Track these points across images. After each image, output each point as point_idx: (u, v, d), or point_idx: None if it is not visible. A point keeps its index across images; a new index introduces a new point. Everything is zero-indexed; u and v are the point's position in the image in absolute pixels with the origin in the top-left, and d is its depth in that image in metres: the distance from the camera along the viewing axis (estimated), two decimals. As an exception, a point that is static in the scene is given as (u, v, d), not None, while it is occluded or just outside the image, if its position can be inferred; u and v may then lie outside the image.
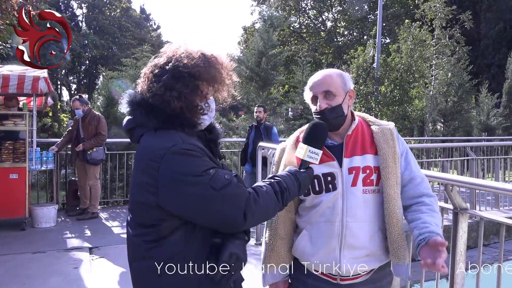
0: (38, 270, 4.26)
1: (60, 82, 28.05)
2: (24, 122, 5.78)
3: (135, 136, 1.50)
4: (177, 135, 1.40)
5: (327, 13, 29.14)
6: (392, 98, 12.47)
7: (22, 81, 5.50)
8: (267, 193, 1.44)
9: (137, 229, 1.45)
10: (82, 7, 30.59)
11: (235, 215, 1.35)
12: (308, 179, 1.60)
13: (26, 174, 5.69)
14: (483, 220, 2.63)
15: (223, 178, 1.36)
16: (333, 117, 1.72)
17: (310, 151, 1.61)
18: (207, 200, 1.33)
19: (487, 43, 21.74)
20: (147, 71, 1.52)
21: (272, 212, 1.48)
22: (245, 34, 29.48)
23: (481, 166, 7.76)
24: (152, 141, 1.41)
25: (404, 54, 12.49)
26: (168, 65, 1.45)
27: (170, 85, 1.42)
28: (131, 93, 1.50)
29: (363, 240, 1.69)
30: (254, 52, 11.34)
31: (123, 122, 1.54)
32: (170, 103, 1.41)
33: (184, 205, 1.35)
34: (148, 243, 1.41)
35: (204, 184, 1.33)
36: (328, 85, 1.73)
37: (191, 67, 1.44)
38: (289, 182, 1.51)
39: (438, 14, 12.53)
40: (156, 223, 1.39)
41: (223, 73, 1.51)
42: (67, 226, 6.04)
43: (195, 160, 1.36)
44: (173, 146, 1.35)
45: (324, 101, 1.72)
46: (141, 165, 1.41)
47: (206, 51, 1.50)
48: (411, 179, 1.73)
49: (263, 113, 6.80)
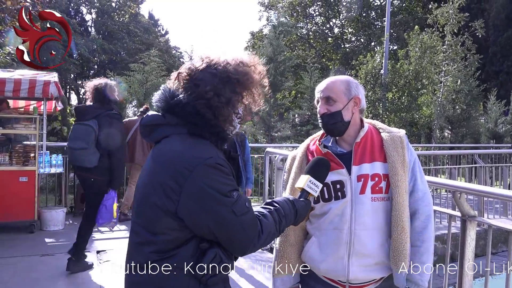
0: (46, 273, 4.29)
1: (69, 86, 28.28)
2: (34, 126, 5.85)
3: (156, 134, 1.45)
4: (212, 147, 1.39)
5: (335, 20, 29.20)
6: (400, 105, 12.44)
7: (33, 85, 5.58)
8: (270, 225, 1.44)
9: (142, 235, 1.40)
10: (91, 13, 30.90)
11: (245, 243, 1.37)
12: (305, 209, 1.59)
13: (35, 177, 5.76)
14: (492, 228, 2.61)
15: (244, 206, 1.37)
16: (331, 123, 1.74)
17: (310, 181, 1.62)
18: (226, 223, 1.33)
19: (496, 50, 21.62)
20: (183, 72, 1.45)
21: (270, 241, 1.48)
22: (253, 39, 29.61)
23: (489, 173, 7.71)
24: (184, 147, 1.38)
25: (413, 60, 12.47)
26: (211, 70, 1.41)
27: (219, 90, 1.39)
28: (167, 90, 1.44)
29: (372, 248, 1.69)
30: (263, 58, 11.38)
31: (146, 116, 1.48)
32: (218, 109, 1.39)
33: (202, 220, 1.33)
34: (155, 254, 1.36)
35: (227, 206, 1.33)
36: (329, 91, 1.76)
37: (237, 74, 1.43)
38: (287, 209, 1.51)
39: (450, 20, 12.50)
40: (166, 231, 1.35)
41: (260, 82, 1.51)
42: (75, 229, 6.01)
43: (224, 178, 1.35)
44: (210, 158, 1.34)
45: (324, 107, 1.76)
46: (167, 169, 1.35)
47: (245, 60, 1.49)
48: (413, 191, 1.74)
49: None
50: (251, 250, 1.40)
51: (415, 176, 1.75)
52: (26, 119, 5.93)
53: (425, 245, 1.72)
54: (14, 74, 5.81)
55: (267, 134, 10.92)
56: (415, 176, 1.75)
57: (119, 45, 27.98)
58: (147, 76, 9.35)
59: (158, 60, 10.14)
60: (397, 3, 26.81)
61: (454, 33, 12.60)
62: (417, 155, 1.83)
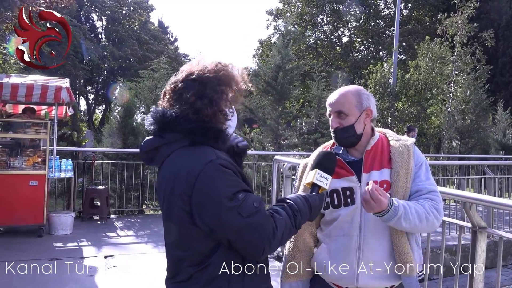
0: (54, 277, 4.30)
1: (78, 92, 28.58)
2: (45, 130, 5.92)
3: (159, 157, 1.47)
4: (211, 150, 1.41)
5: (343, 29, 29.27)
6: (409, 115, 12.39)
7: (45, 90, 5.65)
8: (284, 220, 1.44)
9: (173, 252, 1.47)
10: (102, 20, 31.29)
11: (258, 243, 1.36)
12: (318, 202, 1.58)
13: (45, 182, 5.80)
14: (503, 239, 2.59)
15: (251, 206, 1.36)
16: (344, 137, 1.76)
17: (319, 174, 1.62)
18: (233, 226, 1.34)
19: (505, 61, 21.51)
20: (168, 88, 1.51)
21: (287, 237, 1.48)
22: (261, 47, 29.74)
23: (499, 184, 7.62)
24: (185, 159, 1.41)
25: (423, 70, 12.43)
26: (191, 77, 1.47)
27: (200, 92, 1.44)
28: (157, 111, 1.47)
29: (381, 255, 1.69)
30: (271, 66, 11.42)
31: (143, 143, 1.51)
32: (202, 111, 1.42)
33: (212, 224, 1.35)
34: (192, 268, 1.40)
35: (233, 210, 1.33)
36: (341, 105, 1.76)
37: (215, 72, 1.47)
38: (300, 204, 1.50)
39: (459, 31, 12.45)
40: (192, 244, 1.40)
41: (240, 79, 1.54)
42: (83, 234, 6.11)
43: (228, 180, 1.37)
44: (210, 161, 1.36)
45: (336, 121, 1.76)
46: (178, 181, 1.39)
47: (221, 60, 1.53)
48: (418, 191, 1.71)
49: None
50: (268, 249, 1.39)
51: (419, 177, 1.73)
52: (37, 124, 5.99)
53: (412, 206, 1.64)
54: (26, 79, 5.90)
55: (274, 142, 10.92)
56: (419, 177, 1.73)
57: (128, 52, 28.26)
58: (157, 83, 9.43)
59: (167, 67, 10.21)
60: (406, 12, 26.82)
61: (463, 43, 12.55)
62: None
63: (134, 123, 8.73)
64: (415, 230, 1.68)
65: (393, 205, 1.59)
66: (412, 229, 1.65)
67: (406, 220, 1.60)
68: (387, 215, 1.58)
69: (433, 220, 1.66)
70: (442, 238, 2.98)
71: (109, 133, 8.64)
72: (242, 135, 11.41)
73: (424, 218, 1.64)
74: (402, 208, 1.60)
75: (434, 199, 1.70)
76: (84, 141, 10.18)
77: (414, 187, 1.72)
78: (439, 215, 1.68)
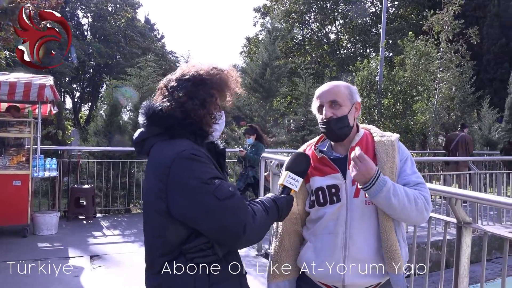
0: (39, 278, 4.25)
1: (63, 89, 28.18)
2: (29, 129, 5.81)
3: (146, 147, 1.52)
4: (188, 142, 1.45)
5: (330, 26, 29.37)
6: (395, 111, 12.48)
7: (28, 88, 5.54)
8: (260, 210, 1.47)
9: (148, 240, 1.49)
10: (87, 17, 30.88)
11: (235, 227, 1.36)
12: (285, 204, 1.59)
13: (29, 181, 5.71)
14: (487, 234, 2.62)
15: (227, 190, 1.39)
16: (338, 127, 1.72)
17: (289, 176, 1.63)
18: (209, 209, 1.35)
19: (489, 58, 21.82)
20: (162, 85, 1.56)
21: (264, 228, 1.49)
22: (248, 44, 29.68)
23: (483, 180, 7.74)
24: (163, 148, 1.45)
25: (408, 67, 12.54)
26: (185, 77, 1.51)
27: (192, 93, 1.47)
28: (146, 105, 1.53)
29: (367, 253, 1.68)
30: (258, 63, 11.39)
31: (135, 135, 1.56)
32: (193, 111, 1.46)
33: (188, 210, 1.37)
34: (164, 257, 1.42)
35: (209, 192, 1.35)
36: (335, 95, 1.73)
37: (210, 75, 1.51)
38: (269, 203, 1.53)
39: (445, 27, 12.57)
40: (166, 232, 1.41)
41: (234, 85, 1.58)
42: (68, 234, 6.03)
43: (202, 166, 1.39)
44: (183, 151, 1.39)
45: (330, 110, 1.72)
46: (153, 172, 1.44)
47: (218, 65, 1.57)
48: (405, 184, 1.70)
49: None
50: (244, 236, 1.37)
51: (405, 172, 1.73)
52: (21, 122, 5.88)
53: (401, 186, 1.64)
54: (9, 77, 5.78)
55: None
56: (405, 172, 1.73)
57: (115, 49, 27.99)
58: (144, 81, 9.34)
59: (154, 65, 10.12)
60: (392, 10, 27.01)
61: (449, 40, 12.68)
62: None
63: (120, 121, 8.65)
64: (405, 214, 1.62)
65: (381, 175, 1.59)
66: (402, 211, 1.60)
67: (395, 196, 1.58)
68: (375, 185, 1.56)
69: (422, 206, 1.63)
70: (428, 234, 3.01)
71: (95, 132, 8.54)
72: (230, 132, 11.38)
73: (413, 200, 1.62)
74: (391, 183, 1.60)
75: (422, 190, 1.69)
76: (69, 139, 10.05)
77: (400, 181, 1.70)
78: (427, 205, 1.66)
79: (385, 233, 1.66)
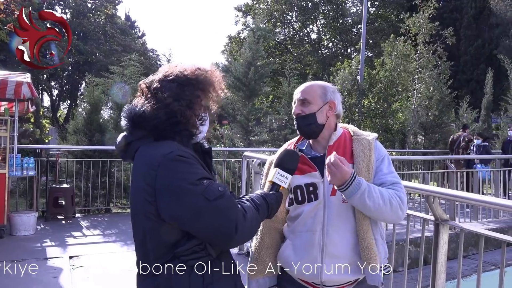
0: (16, 279, 4.16)
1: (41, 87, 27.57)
2: (5, 127, 5.67)
3: (130, 151, 1.49)
4: (173, 144, 1.42)
5: (312, 26, 29.55)
6: (375, 111, 12.67)
7: (4, 85, 5.40)
8: (250, 207, 1.46)
9: (138, 244, 1.47)
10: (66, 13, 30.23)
11: (226, 227, 1.35)
12: (275, 200, 1.59)
13: (6, 181, 5.57)
14: (464, 231, 2.69)
15: (216, 190, 1.37)
16: (305, 124, 1.78)
17: (279, 173, 1.64)
18: (200, 210, 1.33)
19: (466, 59, 22.36)
20: (143, 86, 1.53)
21: (255, 227, 1.49)
22: (230, 43, 29.62)
23: (461, 178, 7.91)
24: (149, 151, 1.42)
25: (388, 67, 12.74)
26: (169, 77, 1.48)
27: (178, 94, 1.45)
28: (128, 108, 1.49)
29: (344, 250, 1.71)
30: (242, 63, 11.37)
31: (117, 139, 1.53)
32: (179, 112, 1.43)
33: (179, 213, 1.35)
34: (157, 260, 1.40)
35: (198, 194, 1.33)
36: (306, 94, 1.80)
37: (195, 76, 1.50)
38: (259, 201, 1.53)
39: (422, 30, 12.83)
40: (157, 236, 1.40)
41: (218, 85, 1.57)
42: (46, 234, 5.92)
43: (190, 167, 1.37)
44: (170, 153, 1.37)
45: (299, 108, 1.80)
46: (140, 176, 1.41)
47: (201, 65, 1.55)
48: (381, 184, 1.73)
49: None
50: (241, 233, 1.36)
51: (381, 171, 1.76)
52: (-4, 120, 5.74)
53: (376, 187, 1.67)
54: (-16, 74, 5.63)
55: (244, 138, 10.91)
56: (381, 171, 1.76)
57: (94, 46, 27.48)
58: (126, 80, 9.22)
59: (137, 64, 10.03)
60: (373, 10, 27.36)
61: (426, 42, 12.93)
62: (391, 160, 1.85)
63: (101, 119, 8.51)
64: (380, 214, 1.65)
65: (357, 178, 1.62)
66: (377, 211, 1.63)
67: (370, 197, 1.61)
68: (350, 187, 1.59)
69: (397, 206, 1.67)
70: (407, 231, 3.06)
71: (74, 130, 8.37)
72: (212, 131, 11.34)
73: (388, 200, 1.65)
74: (366, 184, 1.63)
75: (397, 189, 1.72)
76: (47, 138, 9.84)
77: (376, 180, 1.74)
78: (402, 205, 1.69)
79: (361, 231, 1.70)
